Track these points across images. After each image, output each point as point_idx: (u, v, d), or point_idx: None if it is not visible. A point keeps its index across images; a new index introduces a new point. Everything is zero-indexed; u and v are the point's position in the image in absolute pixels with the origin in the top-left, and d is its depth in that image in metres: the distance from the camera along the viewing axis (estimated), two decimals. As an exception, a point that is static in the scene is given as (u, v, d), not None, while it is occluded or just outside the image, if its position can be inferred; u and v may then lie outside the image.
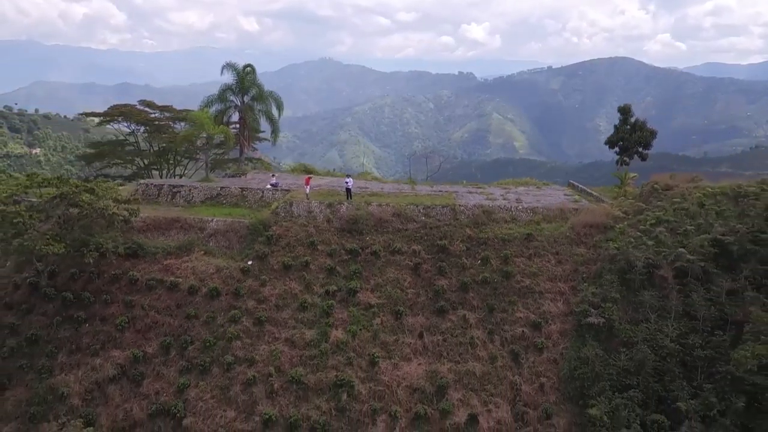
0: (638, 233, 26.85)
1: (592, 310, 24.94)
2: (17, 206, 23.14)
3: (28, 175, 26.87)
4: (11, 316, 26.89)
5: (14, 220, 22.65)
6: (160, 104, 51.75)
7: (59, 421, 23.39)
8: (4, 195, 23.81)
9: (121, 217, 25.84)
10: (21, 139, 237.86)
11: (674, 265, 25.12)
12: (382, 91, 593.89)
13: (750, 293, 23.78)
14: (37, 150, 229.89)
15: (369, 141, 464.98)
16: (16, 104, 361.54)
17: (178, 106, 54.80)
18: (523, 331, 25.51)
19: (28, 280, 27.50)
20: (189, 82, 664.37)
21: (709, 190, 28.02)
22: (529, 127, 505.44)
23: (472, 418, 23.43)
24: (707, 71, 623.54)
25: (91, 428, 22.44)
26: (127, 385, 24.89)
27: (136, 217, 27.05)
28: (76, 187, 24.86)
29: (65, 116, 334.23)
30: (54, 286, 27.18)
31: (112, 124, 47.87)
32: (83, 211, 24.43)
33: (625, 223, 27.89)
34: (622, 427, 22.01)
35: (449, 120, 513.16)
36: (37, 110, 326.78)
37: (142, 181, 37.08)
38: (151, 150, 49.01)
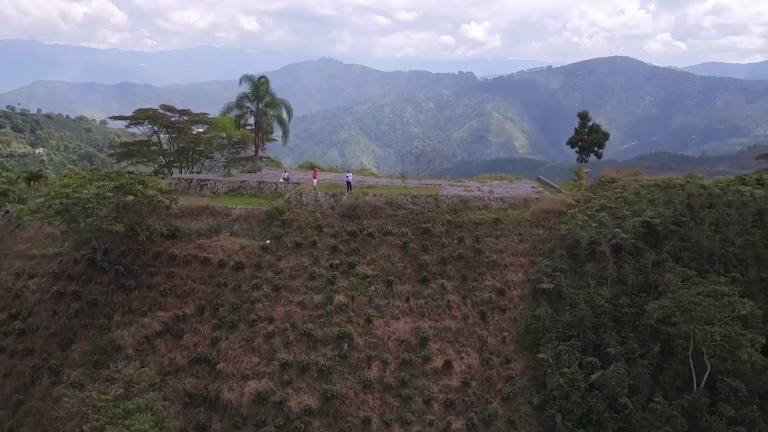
0: (585, 217, 33.15)
1: (545, 278, 31.22)
2: (88, 193, 29.35)
3: (91, 170, 33.11)
4: (74, 285, 33.26)
5: (86, 206, 28.92)
6: (177, 108, 57.86)
7: (118, 365, 29.59)
8: (75, 185, 30.06)
9: (164, 204, 32.12)
10: (24, 138, 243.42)
11: (612, 242, 31.42)
12: (382, 91, 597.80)
13: (669, 264, 30.10)
14: (41, 150, 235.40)
15: (369, 140, 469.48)
16: (19, 104, 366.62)
17: (178, 106, 61.07)
18: (490, 295, 31.79)
19: (86, 256, 33.85)
20: (189, 81, 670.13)
21: (645, 182, 34.33)
22: (529, 127, 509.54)
23: (447, 364, 29.68)
24: (707, 71, 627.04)
25: (147, 368, 28.68)
26: (170, 338, 31.18)
27: (176, 204, 33.37)
28: (132, 179, 31.15)
29: (67, 116, 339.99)
30: (108, 261, 33.51)
31: (138, 126, 54.19)
32: (136, 199, 30.71)
33: (576, 209, 34.20)
34: (564, 367, 28.23)
35: (449, 119, 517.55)
36: (39, 110, 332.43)
37: (173, 175, 43.42)
38: (172, 149, 55.28)
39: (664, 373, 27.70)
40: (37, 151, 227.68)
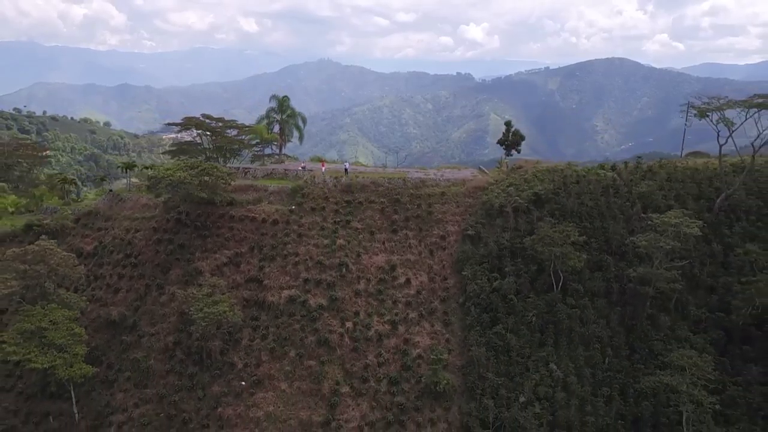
0: (499, 191, 52.41)
1: (470, 228, 50.45)
2: (182, 174, 48.56)
3: (182, 160, 52.24)
4: (167, 234, 52.57)
5: (185, 181, 48.19)
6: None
7: (200, 282, 48.58)
8: (174, 170, 49.28)
9: (227, 182, 51.38)
10: (31, 140, 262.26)
11: (513, 205, 50.66)
12: (381, 92, 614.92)
13: (547, 218, 49.27)
14: (47, 151, 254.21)
15: (368, 141, 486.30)
16: (24, 106, 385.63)
17: (178, 107, 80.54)
18: (436, 240, 50.99)
19: (174, 216, 53.17)
20: (189, 82, 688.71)
21: (541, 167, 53.58)
22: (527, 128, 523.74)
23: (408, 281, 48.76)
24: (705, 71, 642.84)
25: (222, 281, 47.76)
26: (232, 267, 50.38)
27: (233, 182, 52.64)
28: (211, 166, 50.37)
29: (72, 118, 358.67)
30: (189, 219, 52.79)
31: (187, 131, 73.35)
32: (212, 178, 49.99)
33: (494, 185, 53.46)
34: (477, 280, 47.26)
35: (448, 120, 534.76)
36: (45, 112, 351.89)
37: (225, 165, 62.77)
38: (211, 147, 74.47)
39: (537, 282, 46.93)
40: (44, 152, 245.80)
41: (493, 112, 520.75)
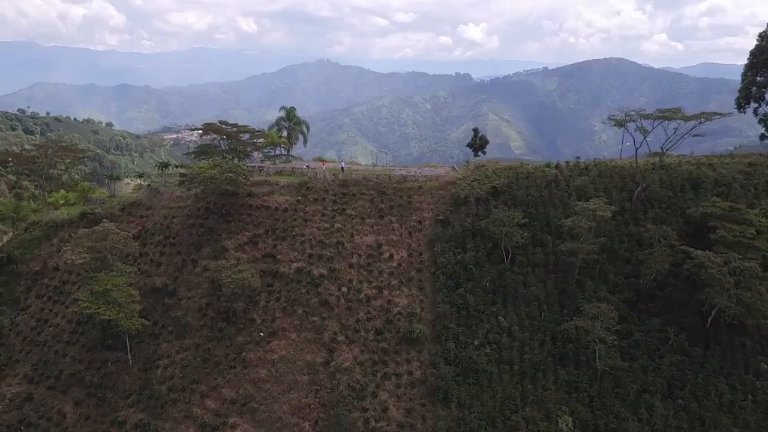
0: (465, 184, 66.48)
1: (441, 214, 64.49)
2: (212, 172, 62.59)
3: (211, 160, 66.50)
4: (199, 220, 66.69)
5: (214, 177, 62.29)
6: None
7: (226, 256, 62.49)
8: (206, 169, 63.39)
9: (247, 178, 65.46)
10: (35, 140, 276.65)
11: (476, 196, 64.72)
12: (380, 92, 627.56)
13: (502, 206, 63.25)
14: (51, 151, 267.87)
15: (367, 141, 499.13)
16: (28, 107, 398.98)
17: (177, 108, 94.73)
18: (414, 224, 65.04)
19: (204, 206, 67.27)
20: (188, 83, 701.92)
21: (499, 166, 67.61)
22: (525, 128, 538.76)
23: (391, 256, 62.73)
24: (703, 71, 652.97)
25: (244, 255, 61.74)
26: (251, 245, 64.39)
27: (252, 177, 66.71)
28: (236, 164, 64.44)
29: (75, 118, 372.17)
30: (216, 208, 66.89)
31: (207, 136, 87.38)
32: (235, 175, 64.09)
33: (462, 180, 67.45)
34: (445, 254, 61.20)
35: (446, 120, 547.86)
36: (48, 113, 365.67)
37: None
38: (227, 149, 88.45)
39: (492, 256, 60.89)
40: (48, 152, 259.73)
41: (491, 112, 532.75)
